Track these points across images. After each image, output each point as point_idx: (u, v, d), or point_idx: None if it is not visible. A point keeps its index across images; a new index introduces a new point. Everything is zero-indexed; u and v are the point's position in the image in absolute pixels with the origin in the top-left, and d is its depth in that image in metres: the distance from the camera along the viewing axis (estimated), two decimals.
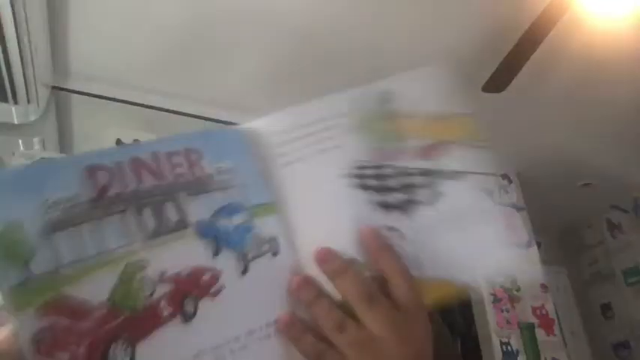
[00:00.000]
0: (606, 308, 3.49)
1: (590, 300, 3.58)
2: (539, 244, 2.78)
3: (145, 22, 1.82)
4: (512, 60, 1.84)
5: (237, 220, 0.42)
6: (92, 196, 0.37)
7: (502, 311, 2.52)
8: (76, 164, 0.38)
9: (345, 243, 0.43)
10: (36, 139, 1.87)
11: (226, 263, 0.40)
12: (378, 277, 0.42)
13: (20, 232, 0.35)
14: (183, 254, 0.39)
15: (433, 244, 0.45)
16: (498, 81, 1.94)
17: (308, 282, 0.42)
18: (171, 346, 0.37)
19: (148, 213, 0.39)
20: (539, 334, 2.55)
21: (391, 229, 0.44)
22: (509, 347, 2.45)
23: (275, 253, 0.42)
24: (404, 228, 0.45)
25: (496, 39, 1.92)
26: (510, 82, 1.93)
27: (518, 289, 2.60)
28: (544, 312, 2.62)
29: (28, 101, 1.77)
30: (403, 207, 0.45)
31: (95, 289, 0.36)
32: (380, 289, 0.41)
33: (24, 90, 1.71)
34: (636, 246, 3.34)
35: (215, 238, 0.40)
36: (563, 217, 3.57)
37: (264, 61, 2.05)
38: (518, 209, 2.84)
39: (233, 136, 0.44)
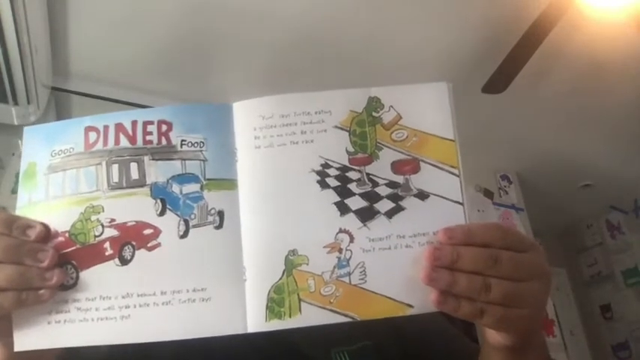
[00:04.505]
0: (606, 309, 3.49)
1: (589, 301, 3.58)
2: None
3: (145, 23, 1.83)
4: (512, 60, 1.84)
5: (187, 189, 0.46)
6: (81, 150, 0.47)
7: None
8: (79, 124, 0.48)
9: (291, 233, 0.45)
10: None
11: (168, 224, 0.45)
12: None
13: (34, 169, 0.47)
14: (133, 208, 0.46)
15: (382, 257, 0.44)
16: (498, 81, 1.94)
17: (443, 248, 0.42)
18: (106, 281, 0.44)
19: (115, 168, 0.47)
20: None
21: (344, 231, 0.45)
22: None
23: (218, 227, 0.45)
24: (357, 233, 0.45)
25: (496, 39, 1.93)
26: (510, 82, 1.93)
27: None
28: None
29: (28, 102, 1.76)
30: (362, 213, 0.46)
31: (63, 220, 0.45)
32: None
33: (24, 91, 1.70)
34: (636, 247, 3.34)
35: (163, 200, 0.46)
36: (563, 218, 3.57)
37: (264, 61, 2.06)
38: (518, 210, 2.84)
39: (208, 112, 0.48)
